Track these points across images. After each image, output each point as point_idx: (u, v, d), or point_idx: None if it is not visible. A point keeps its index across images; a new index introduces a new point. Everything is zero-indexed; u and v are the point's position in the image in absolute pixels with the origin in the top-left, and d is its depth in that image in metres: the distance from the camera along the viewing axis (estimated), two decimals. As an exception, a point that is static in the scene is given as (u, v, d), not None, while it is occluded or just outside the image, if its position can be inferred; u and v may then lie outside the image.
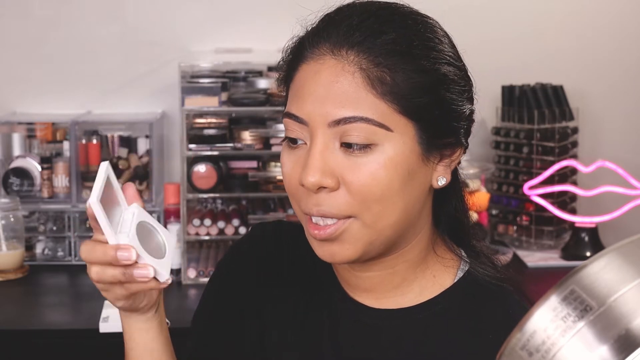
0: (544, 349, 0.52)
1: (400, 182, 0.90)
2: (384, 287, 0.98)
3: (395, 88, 0.89)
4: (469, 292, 0.98)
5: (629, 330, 0.50)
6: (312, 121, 0.90)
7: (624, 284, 0.52)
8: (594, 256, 0.54)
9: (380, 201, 0.90)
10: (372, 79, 0.89)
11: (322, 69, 0.91)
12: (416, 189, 0.93)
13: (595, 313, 0.51)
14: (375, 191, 0.90)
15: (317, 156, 0.90)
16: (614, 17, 2.71)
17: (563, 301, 0.53)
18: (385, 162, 0.90)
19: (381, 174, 0.89)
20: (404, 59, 0.91)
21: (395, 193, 0.90)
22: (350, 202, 0.90)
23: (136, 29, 2.62)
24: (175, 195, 2.36)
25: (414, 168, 0.91)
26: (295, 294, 1.05)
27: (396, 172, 0.90)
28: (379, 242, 0.93)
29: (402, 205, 0.91)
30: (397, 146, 0.90)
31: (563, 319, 0.52)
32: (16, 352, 1.98)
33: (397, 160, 0.90)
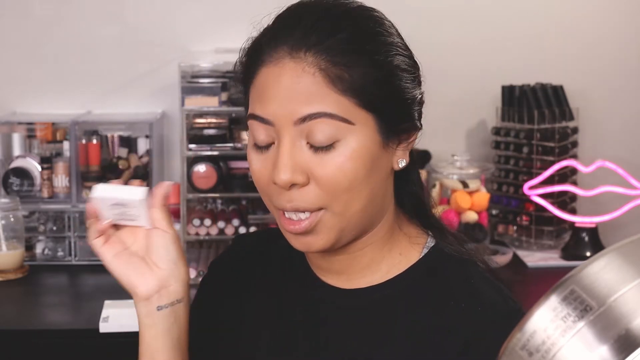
0: (544, 349, 0.52)
1: (365, 171, 0.96)
2: (353, 268, 1.04)
3: (354, 84, 0.94)
4: (433, 265, 1.03)
5: (629, 330, 0.50)
6: (277, 121, 0.95)
7: (624, 284, 0.52)
8: (594, 256, 0.54)
9: (348, 191, 0.96)
10: (331, 77, 0.94)
11: (283, 72, 0.95)
12: (379, 174, 0.99)
13: (595, 313, 0.51)
14: (343, 182, 0.95)
15: (286, 155, 0.95)
16: (614, 17, 2.71)
17: (563, 301, 0.53)
18: (350, 155, 0.95)
19: (347, 166, 0.95)
20: (359, 55, 0.96)
21: (361, 182, 0.96)
22: (321, 195, 0.96)
23: (136, 29, 2.62)
24: (175, 195, 2.36)
25: (376, 156, 0.97)
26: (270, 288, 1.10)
27: (361, 162, 0.96)
28: (350, 229, 0.99)
29: (367, 191, 0.97)
30: (360, 138, 0.95)
31: (563, 319, 0.52)
32: (16, 352, 1.98)
33: (361, 151, 0.96)
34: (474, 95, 2.68)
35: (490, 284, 1.02)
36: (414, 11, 2.62)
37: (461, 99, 2.67)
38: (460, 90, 2.66)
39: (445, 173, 2.47)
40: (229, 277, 1.15)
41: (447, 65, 2.62)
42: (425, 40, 2.65)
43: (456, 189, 2.45)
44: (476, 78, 2.68)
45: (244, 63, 1.01)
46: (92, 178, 2.43)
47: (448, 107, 2.63)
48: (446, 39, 2.64)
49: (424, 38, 2.70)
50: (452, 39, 2.65)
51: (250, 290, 1.12)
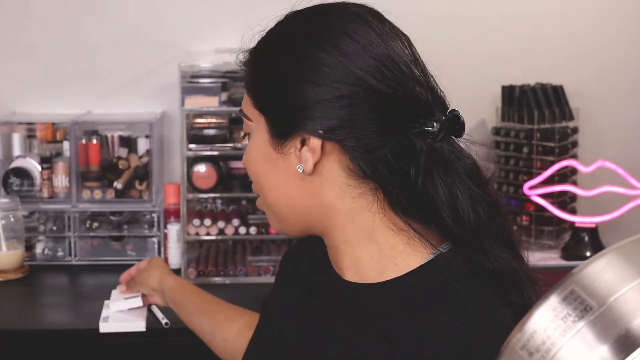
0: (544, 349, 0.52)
1: (262, 167, 1.05)
2: (344, 264, 1.06)
3: (249, 83, 1.06)
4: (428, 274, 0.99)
5: (629, 330, 0.50)
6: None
7: (624, 284, 0.52)
8: (594, 256, 0.54)
9: (256, 182, 1.07)
10: (245, 76, 1.07)
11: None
12: (280, 175, 1.04)
13: (595, 313, 0.51)
14: (251, 172, 1.08)
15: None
16: (614, 17, 2.72)
17: (563, 301, 0.53)
18: (249, 148, 1.06)
19: (249, 158, 1.07)
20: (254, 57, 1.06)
21: (262, 176, 1.06)
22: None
23: (136, 29, 2.62)
24: (175, 195, 2.36)
25: (270, 156, 1.04)
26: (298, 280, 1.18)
27: (255, 157, 1.06)
28: (283, 219, 1.07)
29: (272, 186, 1.05)
30: (257, 134, 1.05)
31: (563, 319, 0.52)
32: (16, 352, 1.98)
33: (255, 146, 1.05)
34: (474, 95, 2.68)
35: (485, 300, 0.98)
36: (414, 12, 2.62)
37: (461, 99, 2.65)
38: (460, 90, 2.64)
39: (445, 173, 2.46)
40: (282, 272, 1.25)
41: (447, 66, 2.61)
42: (425, 40, 2.65)
43: (456, 189, 2.44)
44: (476, 78, 2.68)
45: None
46: (92, 178, 2.43)
47: (448, 107, 2.63)
48: (446, 38, 2.64)
49: (423, 38, 2.69)
50: (452, 39, 2.65)
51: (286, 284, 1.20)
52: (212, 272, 2.28)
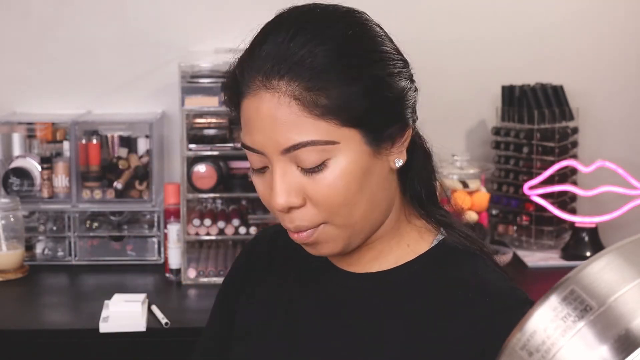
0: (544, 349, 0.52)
1: (357, 184, 0.98)
2: (363, 259, 1.07)
3: (331, 105, 0.95)
4: (441, 256, 1.06)
5: (629, 330, 0.50)
6: (266, 151, 0.98)
7: (624, 284, 0.52)
8: (594, 256, 0.54)
9: (344, 205, 0.98)
10: (307, 104, 0.94)
11: (261, 104, 0.96)
12: (375, 181, 1.00)
13: (595, 313, 0.51)
14: (337, 199, 0.97)
15: (279, 181, 0.97)
16: (614, 17, 2.71)
17: (563, 301, 0.53)
18: (340, 173, 0.97)
19: (339, 184, 0.97)
20: (333, 76, 0.95)
21: (355, 194, 0.98)
22: (318, 214, 0.99)
23: (136, 29, 2.62)
24: (175, 195, 2.36)
25: (368, 166, 0.99)
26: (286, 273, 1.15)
27: (352, 177, 0.97)
28: (356, 235, 1.02)
29: (365, 200, 0.99)
30: (348, 154, 0.97)
31: (563, 319, 0.52)
32: (16, 352, 1.98)
33: (350, 167, 0.97)
34: (474, 95, 2.68)
35: (498, 275, 1.05)
36: (414, 11, 2.62)
37: (461, 99, 2.67)
38: (460, 90, 2.66)
39: (445, 173, 2.46)
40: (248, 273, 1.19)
41: (447, 65, 2.63)
42: (425, 40, 2.66)
43: (456, 189, 2.45)
44: (476, 78, 2.68)
45: (227, 91, 1.03)
46: (92, 178, 2.43)
47: (448, 107, 2.63)
48: (446, 38, 2.64)
49: (423, 38, 2.70)
50: (452, 38, 2.65)
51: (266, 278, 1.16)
52: (212, 272, 2.28)
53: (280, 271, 1.15)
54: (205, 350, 1.22)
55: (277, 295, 1.13)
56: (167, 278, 2.31)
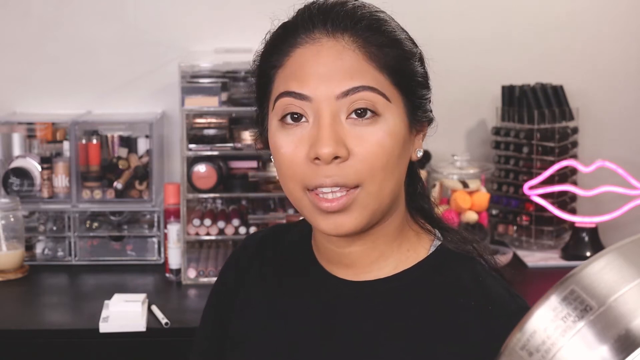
0: (544, 349, 0.52)
1: (399, 151, 0.99)
2: (363, 262, 1.05)
3: (388, 63, 0.98)
4: (441, 262, 1.05)
5: (629, 330, 0.50)
6: (318, 96, 0.96)
7: (624, 284, 0.52)
8: (594, 256, 0.54)
9: (384, 169, 0.97)
10: (370, 54, 0.97)
11: (322, 49, 0.98)
12: (405, 159, 1.02)
13: (595, 313, 0.51)
14: (382, 158, 0.97)
15: (328, 128, 0.96)
16: (614, 17, 2.71)
17: (563, 301, 0.53)
18: (389, 131, 0.97)
19: (386, 142, 0.97)
20: (392, 39, 1.00)
21: (395, 161, 0.98)
22: (359, 171, 0.96)
23: (136, 29, 2.62)
24: (175, 195, 2.36)
25: (406, 138, 1.01)
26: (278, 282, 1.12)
27: (396, 140, 0.98)
28: (380, 211, 1.00)
29: (397, 174, 1.00)
30: (395, 116, 0.98)
31: (563, 319, 0.52)
32: (16, 352, 1.98)
33: (397, 129, 0.98)
34: (474, 95, 2.68)
35: (498, 282, 1.04)
36: (414, 11, 2.62)
37: (461, 99, 2.67)
38: (460, 90, 2.66)
39: (445, 173, 2.47)
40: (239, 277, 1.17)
41: (447, 65, 2.62)
42: (425, 40, 2.65)
43: (456, 189, 2.45)
44: (476, 78, 2.68)
45: (269, 49, 1.03)
46: (92, 178, 2.43)
47: (448, 107, 2.63)
48: (446, 38, 2.64)
49: (423, 38, 2.69)
50: (452, 38, 2.65)
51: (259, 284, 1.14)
52: (212, 272, 2.28)
53: (272, 279, 1.13)
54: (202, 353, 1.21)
55: (271, 304, 1.11)
56: (167, 278, 2.31)
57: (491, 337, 0.95)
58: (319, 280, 1.08)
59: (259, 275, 1.14)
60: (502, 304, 1.00)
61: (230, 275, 1.18)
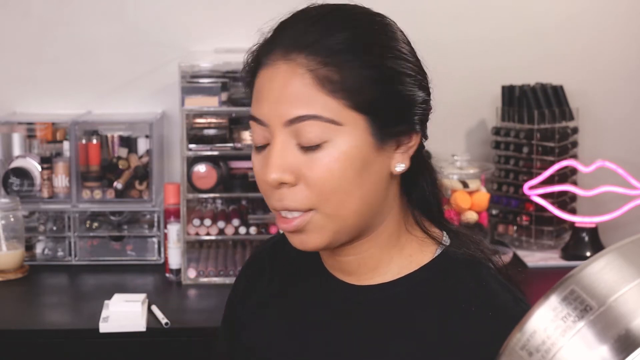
0: (544, 349, 0.52)
1: (354, 173, 0.97)
2: (362, 269, 1.05)
3: (344, 85, 0.95)
4: (445, 267, 1.04)
5: (629, 330, 0.50)
6: (270, 122, 0.98)
7: (624, 284, 0.52)
8: (594, 256, 0.54)
9: (336, 192, 0.97)
10: (320, 78, 0.95)
11: (276, 73, 0.98)
12: (373, 178, 0.99)
13: (595, 313, 0.51)
14: (331, 183, 0.96)
15: (276, 155, 0.97)
16: (614, 17, 2.71)
17: (563, 301, 0.53)
18: (338, 156, 0.96)
19: (335, 167, 0.96)
20: (350, 56, 0.97)
21: (350, 183, 0.97)
22: (310, 196, 0.97)
23: (136, 29, 2.62)
24: (175, 195, 2.36)
25: (368, 159, 0.98)
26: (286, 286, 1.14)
27: (349, 163, 0.96)
28: (346, 230, 1.00)
29: (359, 194, 0.98)
30: (349, 139, 0.96)
31: (563, 319, 0.52)
32: (16, 352, 1.98)
33: (350, 153, 0.96)
34: (474, 95, 2.68)
35: (503, 286, 1.03)
36: (414, 11, 2.62)
37: (461, 99, 2.67)
38: (460, 90, 2.66)
39: (445, 173, 2.47)
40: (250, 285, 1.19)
41: (447, 65, 2.62)
42: (425, 40, 2.64)
43: (456, 189, 2.45)
44: (476, 78, 2.68)
45: (247, 66, 1.04)
46: (92, 178, 2.43)
47: (448, 107, 2.62)
48: (446, 39, 2.64)
49: (424, 38, 2.69)
50: (452, 39, 2.65)
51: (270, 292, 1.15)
52: (212, 272, 2.28)
53: (282, 286, 1.14)
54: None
55: (282, 310, 1.12)
56: (167, 278, 2.31)
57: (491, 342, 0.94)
58: (325, 284, 1.09)
59: (270, 283, 1.15)
60: (504, 309, 0.99)
61: (241, 285, 1.20)
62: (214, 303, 2.16)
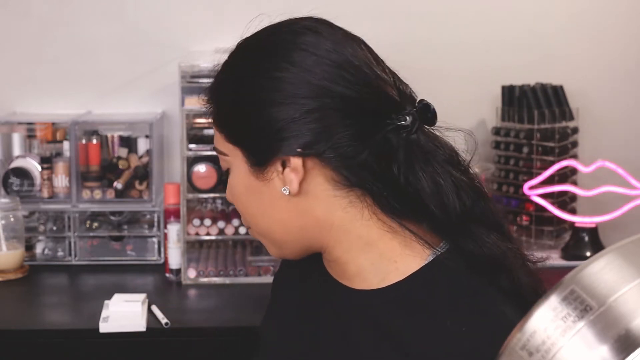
0: (544, 349, 0.52)
1: (247, 197, 1.05)
2: (347, 274, 1.06)
3: (219, 120, 1.05)
4: (431, 278, 1.00)
5: (629, 330, 0.50)
6: None
7: (624, 284, 0.52)
8: (594, 256, 0.54)
9: (245, 214, 1.07)
10: (213, 115, 1.06)
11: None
12: (267, 201, 1.03)
13: (595, 313, 0.51)
14: (238, 206, 1.08)
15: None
16: (614, 17, 2.71)
17: (563, 301, 0.53)
18: (232, 182, 1.06)
19: (234, 192, 1.07)
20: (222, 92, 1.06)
21: (250, 206, 1.06)
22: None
23: (136, 29, 2.62)
24: (175, 195, 2.36)
25: (252, 186, 1.04)
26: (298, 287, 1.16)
27: (239, 189, 1.05)
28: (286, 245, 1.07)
29: (261, 214, 1.05)
30: (235, 169, 1.05)
31: (563, 319, 0.52)
32: (16, 352, 1.98)
33: (236, 181, 1.05)
34: (474, 95, 2.68)
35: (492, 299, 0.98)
36: (414, 12, 2.62)
37: (461, 99, 2.67)
38: (460, 90, 2.66)
39: (445, 173, 2.46)
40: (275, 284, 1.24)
41: (447, 66, 2.62)
42: (426, 40, 2.66)
43: (456, 189, 2.44)
44: (476, 78, 2.68)
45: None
46: (92, 178, 2.43)
47: (448, 107, 2.62)
48: (446, 39, 2.64)
49: (424, 38, 2.70)
50: (452, 39, 2.65)
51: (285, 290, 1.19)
52: (212, 272, 2.28)
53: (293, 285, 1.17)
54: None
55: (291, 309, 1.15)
56: (167, 278, 2.31)
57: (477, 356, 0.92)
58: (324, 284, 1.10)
59: (286, 282, 1.19)
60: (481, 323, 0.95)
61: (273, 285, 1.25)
62: (214, 303, 2.16)
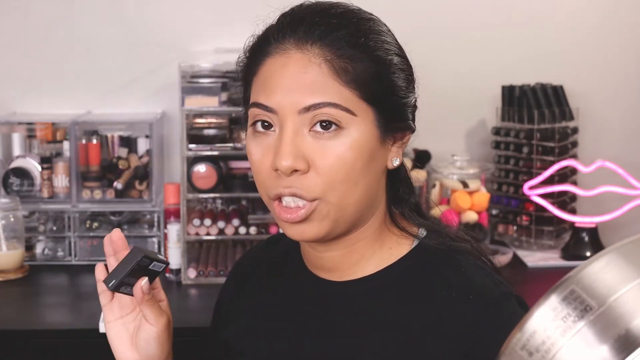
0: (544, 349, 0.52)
1: (362, 163, 0.99)
2: (344, 265, 1.07)
3: (356, 76, 0.98)
4: (422, 257, 1.06)
5: (629, 330, 0.50)
6: (282, 109, 0.98)
7: (624, 284, 0.52)
8: (594, 256, 0.54)
9: (345, 181, 0.99)
10: (336, 68, 0.98)
11: (289, 61, 0.99)
12: (374, 170, 1.02)
13: (595, 313, 0.51)
14: (342, 172, 0.98)
15: (288, 142, 0.98)
16: (614, 17, 2.71)
17: (563, 301, 0.53)
18: (351, 145, 0.98)
19: (347, 156, 0.98)
20: (362, 50, 1.00)
21: (358, 173, 0.99)
22: (319, 184, 0.98)
23: (136, 29, 2.62)
24: (175, 195, 2.36)
25: (374, 150, 1.01)
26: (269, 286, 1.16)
27: (359, 153, 0.99)
28: (343, 220, 1.02)
29: (363, 185, 1.00)
30: (360, 130, 0.99)
31: (563, 319, 0.52)
32: (16, 352, 1.98)
33: (361, 142, 0.99)
34: (474, 95, 2.68)
35: (481, 271, 1.05)
36: (414, 12, 2.62)
37: (461, 99, 2.67)
38: (460, 90, 2.66)
39: (445, 173, 2.47)
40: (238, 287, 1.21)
41: (447, 65, 2.62)
42: (426, 40, 2.66)
43: (456, 189, 2.45)
44: (476, 78, 2.68)
45: (248, 55, 1.05)
46: (92, 178, 2.43)
47: (448, 107, 2.63)
48: (446, 39, 2.64)
49: (424, 38, 2.70)
50: (452, 39, 2.65)
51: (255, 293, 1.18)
52: (212, 272, 2.28)
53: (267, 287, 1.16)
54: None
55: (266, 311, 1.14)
56: (167, 278, 2.31)
57: (474, 325, 0.98)
58: (306, 284, 1.10)
59: (256, 285, 1.18)
60: (484, 292, 1.01)
61: (227, 288, 1.24)
62: (214, 303, 2.16)
